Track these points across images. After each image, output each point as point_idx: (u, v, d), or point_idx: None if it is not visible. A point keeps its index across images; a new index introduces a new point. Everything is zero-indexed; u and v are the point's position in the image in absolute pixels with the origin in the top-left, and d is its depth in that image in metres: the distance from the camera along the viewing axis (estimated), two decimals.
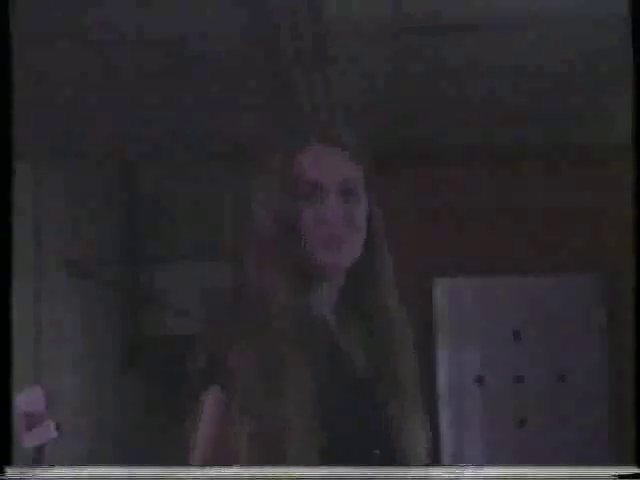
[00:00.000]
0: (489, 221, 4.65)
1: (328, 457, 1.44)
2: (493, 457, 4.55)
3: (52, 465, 1.49)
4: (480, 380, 4.69)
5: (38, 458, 3.17)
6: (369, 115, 3.93)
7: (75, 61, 3.33)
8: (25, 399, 3.12)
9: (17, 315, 1.56)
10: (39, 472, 1.47)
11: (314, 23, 3.10)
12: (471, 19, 3.23)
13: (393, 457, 1.54)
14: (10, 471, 1.46)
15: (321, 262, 1.52)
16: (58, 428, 3.20)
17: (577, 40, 3.35)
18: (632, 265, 1.55)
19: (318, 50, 3.31)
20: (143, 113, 3.95)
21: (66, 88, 3.53)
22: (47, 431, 3.17)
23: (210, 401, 1.46)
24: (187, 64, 3.45)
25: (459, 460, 4.58)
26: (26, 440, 3.11)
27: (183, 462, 1.49)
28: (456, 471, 1.47)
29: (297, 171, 1.53)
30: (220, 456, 1.44)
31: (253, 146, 1.74)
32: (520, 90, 3.88)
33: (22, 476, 1.46)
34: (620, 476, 1.43)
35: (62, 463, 1.50)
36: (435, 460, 1.65)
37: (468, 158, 4.67)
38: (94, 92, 3.64)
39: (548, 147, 4.64)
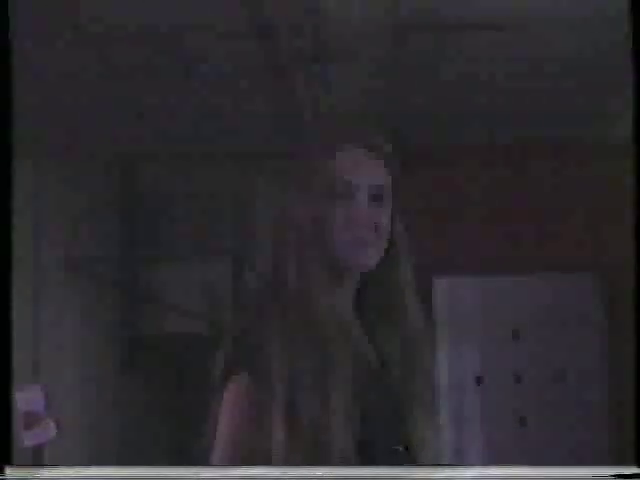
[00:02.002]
0: (489, 221, 4.65)
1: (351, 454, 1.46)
2: (493, 457, 4.55)
3: (52, 465, 1.49)
4: (480, 380, 4.69)
5: (38, 458, 3.17)
6: (368, 115, 3.93)
7: (75, 60, 3.34)
8: (24, 399, 3.11)
9: (17, 314, 1.56)
10: (39, 472, 1.47)
11: (314, 23, 3.11)
12: (471, 19, 3.23)
13: (411, 456, 1.57)
14: (10, 471, 1.46)
15: (347, 262, 1.56)
16: (58, 428, 3.20)
17: (577, 40, 3.35)
18: (632, 265, 1.55)
19: (318, 50, 3.31)
20: (143, 113, 3.95)
21: (66, 88, 3.53)
22: (46, 431, 3.16)
23: (237, 387, 1.47)
24: (187, 64, 3.45)
25: (459, 460, 4.58)
26: (25, 440, 3.10)
27: (183, 462, 1.49)
28: (457, 471, 1.48)
29: (335, 171, 1.57)
30: (247, 443, 1.45)
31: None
32: (520, 89, 3.88)
33: (22, 476, 1.46)
34: (620, 476, 1.43)
35: (62, 463, 1.50)
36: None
37: (468, 158, 4.67)
38: (94, 92, 3.64)
39: (548, 147, 4.64)
